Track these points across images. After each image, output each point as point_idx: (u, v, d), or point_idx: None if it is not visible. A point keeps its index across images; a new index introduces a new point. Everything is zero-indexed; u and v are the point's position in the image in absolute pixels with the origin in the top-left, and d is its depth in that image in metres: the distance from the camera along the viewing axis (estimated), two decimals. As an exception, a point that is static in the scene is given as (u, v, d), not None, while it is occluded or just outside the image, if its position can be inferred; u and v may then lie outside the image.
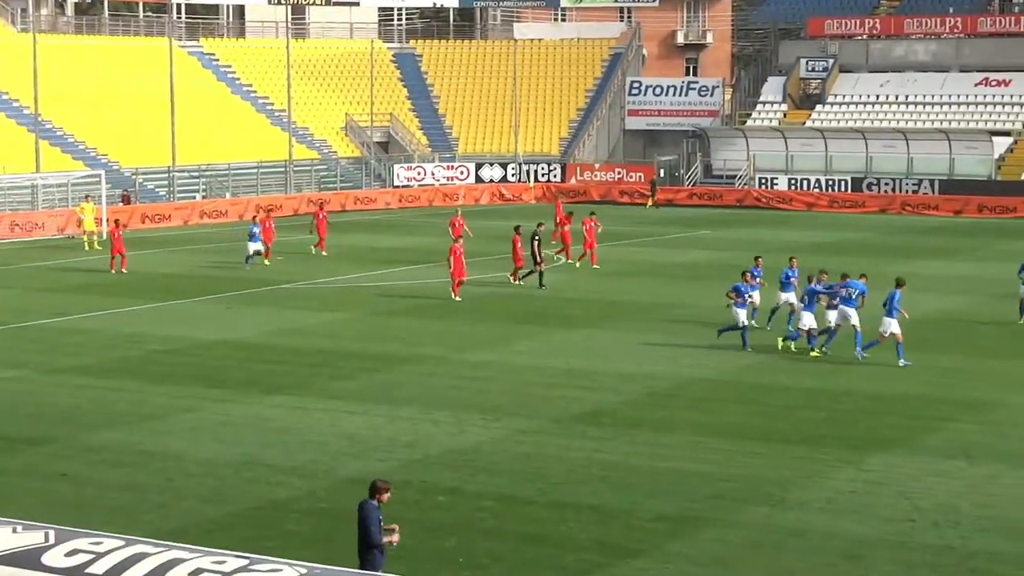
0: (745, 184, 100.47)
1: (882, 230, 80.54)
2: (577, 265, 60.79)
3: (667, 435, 31.25)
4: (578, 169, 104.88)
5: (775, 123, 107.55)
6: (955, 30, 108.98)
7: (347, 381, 37.29)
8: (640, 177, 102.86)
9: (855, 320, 40.23)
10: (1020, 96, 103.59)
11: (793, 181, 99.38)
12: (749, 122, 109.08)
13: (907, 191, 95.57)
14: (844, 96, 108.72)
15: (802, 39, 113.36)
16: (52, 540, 14.13)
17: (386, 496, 19.20)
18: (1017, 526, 24.69)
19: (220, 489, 26.99)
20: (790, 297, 43.94)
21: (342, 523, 22.72)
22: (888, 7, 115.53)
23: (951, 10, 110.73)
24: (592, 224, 61.12)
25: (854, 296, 40.50)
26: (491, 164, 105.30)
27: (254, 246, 61.11)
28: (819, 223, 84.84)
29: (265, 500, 26.28)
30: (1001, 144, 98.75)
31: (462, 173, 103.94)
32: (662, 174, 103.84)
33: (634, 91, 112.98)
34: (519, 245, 54.50)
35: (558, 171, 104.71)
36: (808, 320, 40.70)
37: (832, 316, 40.82)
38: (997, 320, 47.22)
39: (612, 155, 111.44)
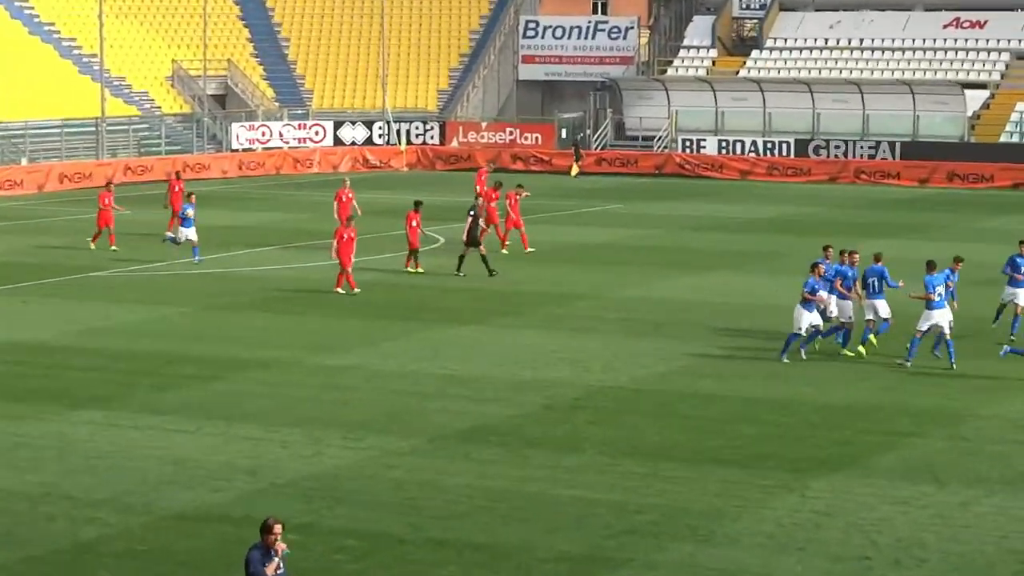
0: (665, 147, 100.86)
1: (832, 203, 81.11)
2: (504, 251, 60.34)
3: (570, 456, 31.29)
4: (461, 129, 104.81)
5: (702, 73, 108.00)
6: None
7: (174, 392, 37.06)
8: (537, 139, 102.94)
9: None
10: (998, 40, 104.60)
11: (724, 144, 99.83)
12: (670, 71, 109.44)
13: (862, 156, 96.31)
14: (786, 40, 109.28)
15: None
16: None
17: (272, 538, 19.06)
18: (995, 563, 24.95)
19: (12, 528, 26.66)
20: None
21: (167, 570, 22.53)
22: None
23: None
24: (517, 197, 60.79)
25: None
26: (353, 123, 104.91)
27: (187, 232, 58.18)
28: (755, 195, 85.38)
29: (69, 541, 26.00)
30: (975, 99, 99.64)
31: (317, 134, 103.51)
32: (564, 135, 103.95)
33: (530, 33, 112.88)
34: (414, 224, 54.34)
35: (436, 131, 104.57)
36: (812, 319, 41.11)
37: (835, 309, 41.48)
38: (967, 313, 47.62)
39: (503, 112, 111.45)
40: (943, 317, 39.73)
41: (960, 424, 34.04)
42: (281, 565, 19.02)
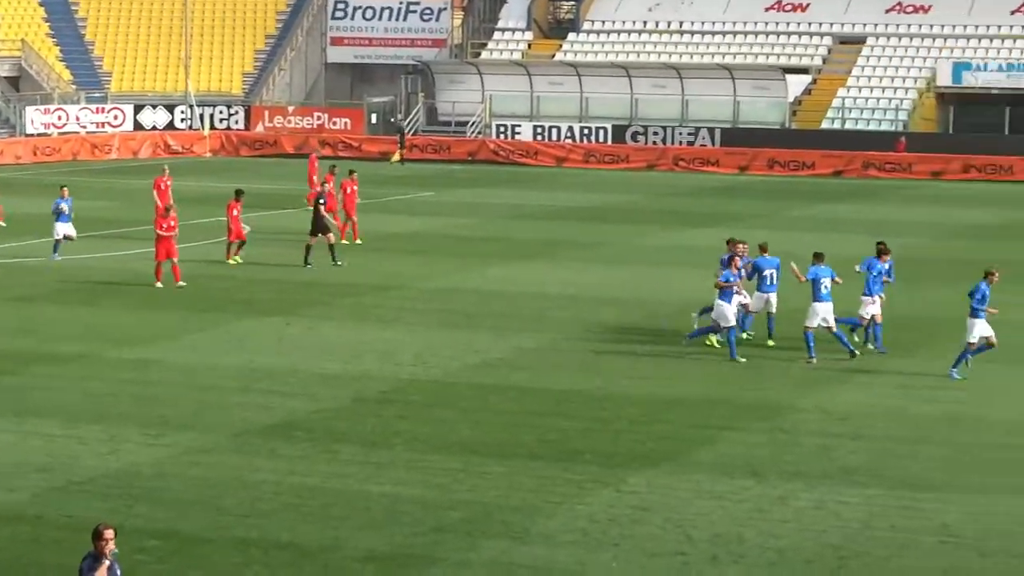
0: (479, 133, 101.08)
1: (650, 191, 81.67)
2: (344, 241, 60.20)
3: (379, 452, 31.32)
4: (267, 113, 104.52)
5: (517, 56, 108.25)
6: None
7: (-38, 387, 36.69)
8: (347, 124, 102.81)
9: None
10: (820, 24, 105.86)
11: (540, 129, 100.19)
12: (484, 54, 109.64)
13: (681, 142, 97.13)
14: (604, 23, 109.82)
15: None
16: None
17: (102, 544, 18.87)
18: (813, 559, 25.31)
19: None
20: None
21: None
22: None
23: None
24: (354, 187, 60.62)
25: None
26: (154, 107, 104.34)
27: (63, 227, 56.20)
28: (572, 182, 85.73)
29: None
30: (797, 84, 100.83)
31: (116, 118, 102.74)
32: (374, 120, 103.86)
33: (338, 14, 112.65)
34: (235, 214, 54.03)
35: (241, 116, 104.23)
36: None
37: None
38: (786, 305, 48.16)
39: (310, 96, 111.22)
40: (827, 311, 40.15)
41: (779, 417, 34.42)
42: (116, 567, 18.87)
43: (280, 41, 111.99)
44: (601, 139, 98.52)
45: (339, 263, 54.11)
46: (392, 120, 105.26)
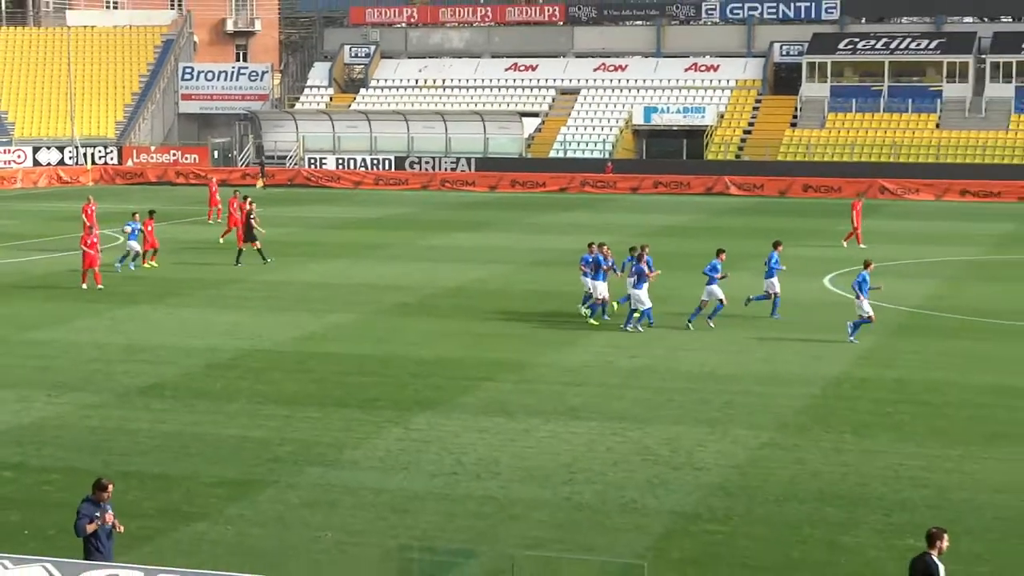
0: (295, 164, 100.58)
1: (424, 205, 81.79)
2: (221, 241, 59.48)
3: (227, 404, 31.13)
4: (134, 151, 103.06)
5: (322, 106, 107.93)
6: (486, 19, 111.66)
7: (-92, 364, 35.82)
8: (195, 159, 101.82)
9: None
10: (546, 80, 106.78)
11: (341, 160, 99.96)
12: (298, 105, 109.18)
13: (446, 168, 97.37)
14: (386, 80, 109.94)
15: (345, 27, 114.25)
16: None
17: (105, 495, 18.58)
18: (550, 475, 25.59)
19: None
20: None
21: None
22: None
23: (482, 0, 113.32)
24: (240, 204, 59.77)
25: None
26: (48, 147, 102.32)
27: (133, 245, 52.97)
28: (366, 200, 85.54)
29: None
30: (530, 124, 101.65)
31: (19, 157, 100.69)
32: (216, 155, 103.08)
33: (187, 76, 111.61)
34: (149, 229, 53.18)
35: (115, 153, 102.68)
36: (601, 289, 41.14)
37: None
38: (523, 287, 48.57)
39: (167, 138, 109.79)
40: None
41: (523, 371, 34.66)
42: (110, 509, 18.54)
43: (143, 97, 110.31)
44: (387, 167, 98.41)
45: (267, 261, 53.61)
46: (229, 155, 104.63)
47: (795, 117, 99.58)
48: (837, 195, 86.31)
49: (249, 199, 57.45)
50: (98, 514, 18.43)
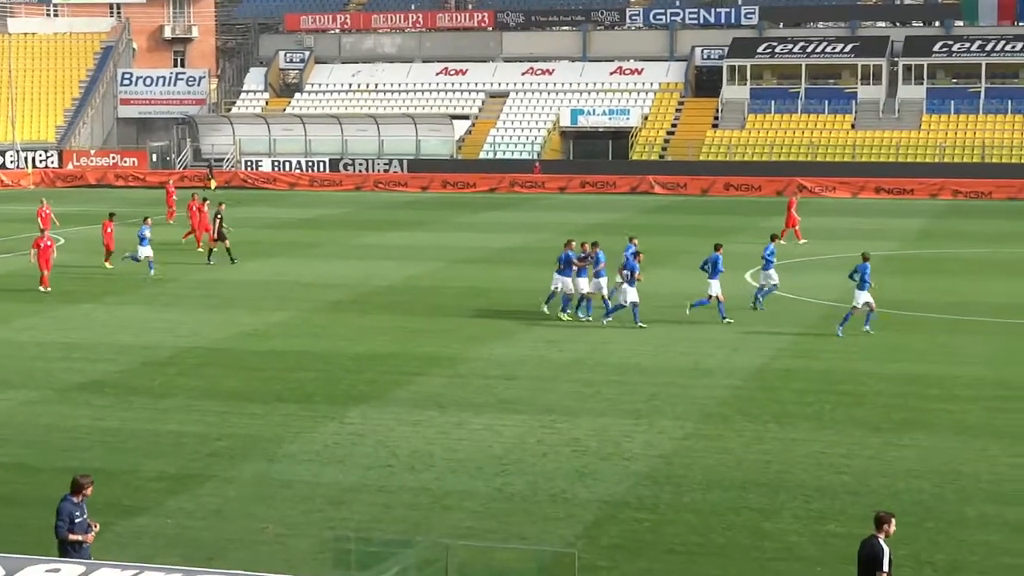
0: (232, 166, 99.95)
1: (358, 206, 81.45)
2: (183, 241, 58.91)
3: (165, 400, 30.84)
4: (75, 155, 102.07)
5: (258, 110, 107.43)
6: (417, 25, 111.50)
7: None
8: (134, 162, 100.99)
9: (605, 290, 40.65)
10: (476, 84, 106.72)
11: (276, 163, 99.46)
12: (234, 110, 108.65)
13: (379, 170, 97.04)
14: (320, 85, 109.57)
15: (280, 33, 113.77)
16: None
17: (87, 492, 18.42)
18: (483, 466, 25.51)
19: None
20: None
21: None
22: (357, 4, 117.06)
23: (413, 6, 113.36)
24: (199, 206, 59.36)
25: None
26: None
27: (144, 251, 50.95)
28: (300, 201, 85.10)
29: None
30: (460, 126, 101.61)
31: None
32: (155, 159, 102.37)
33: (125, 82, 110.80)
34: (108, 231, 52.61)
35: (55, 157, 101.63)
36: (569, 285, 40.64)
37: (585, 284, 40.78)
38: (454, 284, 48.46)
39: (107, 141, 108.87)
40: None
41: (455, 365, 34.56)
42: (85, 509, 18.41)
43: (83, 102, 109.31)
44: (321, 169, 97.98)
45: (234, 261, 53.32)
46: (168, 158, 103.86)
47: (716, 118, 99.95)
48: (758, 193, 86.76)
49: (219, 202, 57.17)
50: (78, 514, 18.22)
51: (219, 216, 54.62)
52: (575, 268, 40.70)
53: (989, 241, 60.72)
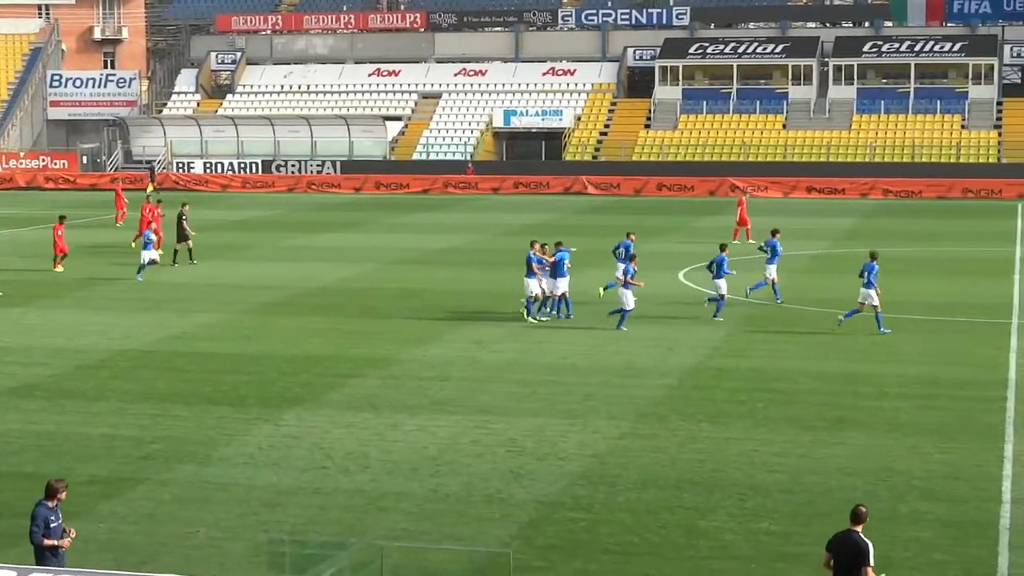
0: (164, 168, 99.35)
1: (291, 207, 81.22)
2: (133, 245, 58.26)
3: (97, 404, 30.60)
4: (3, 157, 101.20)
5: (190, 112, 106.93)
6: (349, 26, 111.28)
7: None
8: (65, 164, 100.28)
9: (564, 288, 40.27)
10: (409, 84, 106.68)
11: (208, 164, 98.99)
12: (165, 111, 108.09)
13: (312, 171, 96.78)
14: (252, 86, 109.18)
15: (212, 34, 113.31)
16: None
17: (62, 496, 18.27)
18: (417, 467, 25.48)
19: None
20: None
21: None
22: (288, 5, 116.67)
23: (345, 7, 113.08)
24: (152, 208, 58.76)
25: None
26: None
27: (149, 255, 50.22)
28: (233, 202, 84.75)
29: None
30: (393, 128, 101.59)
31: None
32: (85, 161, 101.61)
33: (55, 83, 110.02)
34: (59, 234, 52.10)
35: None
36: (533, 287, 40.23)
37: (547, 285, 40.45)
38: (387, 285, 48.39)
39: (36, 143, 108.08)
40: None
41: (389, 367, 34.48)
42: (60, 514, 18.30)
43: (12, 104, 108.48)
44: (254, 171, 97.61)
45: (194, 262, 53.29)
46: (98, 160, 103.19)
47: (649, 119, 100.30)
48: (690, 193, 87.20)
49: (182, 203, 56.95)
50: (53, 519, 18.08)
51: (183, 217, 54.38)
52: (546, 268, 40.37)
53: (919, 240, 61.28)
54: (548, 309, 40.90)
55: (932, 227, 67.23)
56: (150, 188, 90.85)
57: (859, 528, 17.31)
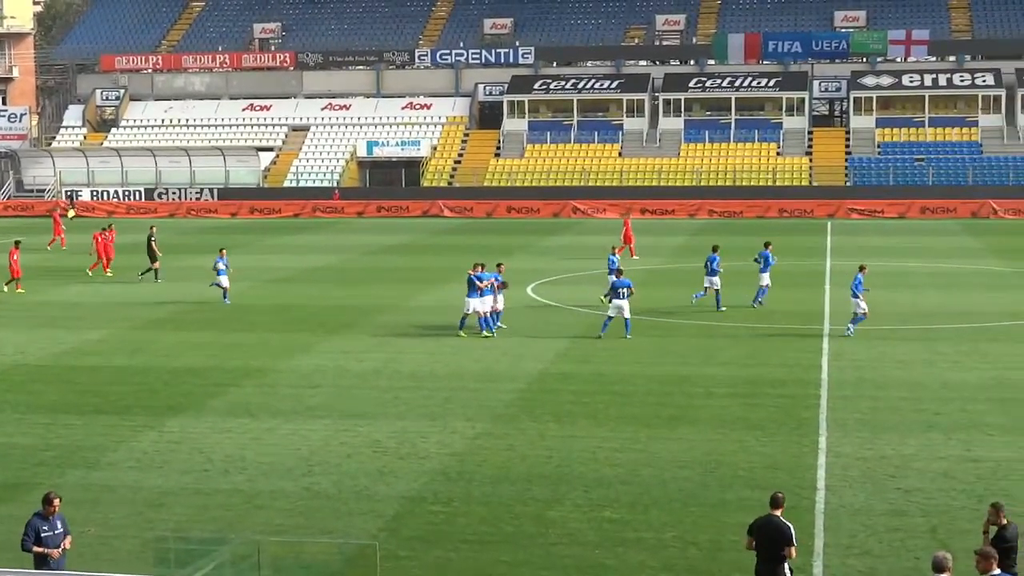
0: (53, 196, 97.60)
1: (173, 231, 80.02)
2: (90, 273, 56.78)
3: (-7, 415, 29.98)
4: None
5: (77, 144, 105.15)
6: (224, 65, 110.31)
7: None
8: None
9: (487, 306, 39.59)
10: (279, 118, 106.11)
11: (96, 192, 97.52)
12: (55, 144, 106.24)
13: (191, 198, 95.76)
14: (135, 120, 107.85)
15: (97, 73, 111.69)
16: None
17: (51, 508, 17.91)
18: (291, 468, 25.29)
19: None
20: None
21: None
22: (168, 45, 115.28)
23: (220, 48, 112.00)
24: (103, 238, 57.54)
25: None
26: None
27: (223, 280, 47.21)
28: (119, 227, 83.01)
29: None
30: (266, 158, 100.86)
31: None
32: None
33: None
34: (15, 258, 50.88)
35: None
36: (474, 304, 39.41)
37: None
38: (263, 302, 47.97)
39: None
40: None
41: (265, 376, 34.19)
42: (59, 524, 17.97)
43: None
44: (138, 198, 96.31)
45: (159, 280, 53.13)
46: (73, 191, 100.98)
47: (498, 148, 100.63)
48: (536, 215, 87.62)
49: (151, 225, 56.34)
50: (46, 529, 17.77)
51: (151, 238, 54.47)
52: (483, 287, 39.81)
53: (739, 255, 62.04)
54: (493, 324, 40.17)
55: (752, 243, 68.04)
56: (71, 214, 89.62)
57: (779, 512, 17.37)
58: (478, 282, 39.72)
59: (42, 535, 17.90)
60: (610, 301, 39.52)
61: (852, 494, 23.27)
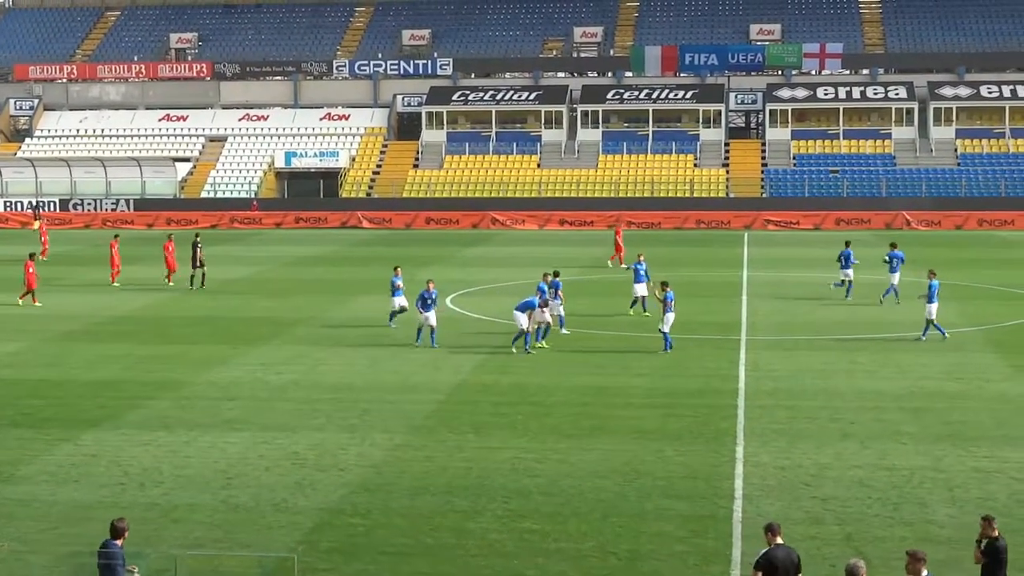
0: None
1: (87, 243, 79.25)
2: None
3: (-96, 430, 29.47)
4: None
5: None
6: (140, 75, 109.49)
7: None
8: None
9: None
10: (196, 128, 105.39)
11: (9, 203, 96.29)
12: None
13: (107, 209, 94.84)
14: (50, 130, 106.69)
15: (10, 82, 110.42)
16: None
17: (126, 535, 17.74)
18: (209, 481, 25.11)
19: None
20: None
21: None
22: (83, 54, 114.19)
23: (136, 57, 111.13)
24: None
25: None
26: None
27: (399, 301, 43.30)
28: (33, 238, 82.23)
29: None
30: (183, 168, 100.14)
31: None
32: None
33: None
34: (31, 270, 49.71)
35: None
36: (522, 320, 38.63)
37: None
38: (180, 314, 47.62)
39: None
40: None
41: (182, 388, 33.92)
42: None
43: None
44: (53, 209, 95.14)
45: (192, 287, 53.69)
46: (37, 203, 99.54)
47: (417, 159, 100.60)
48: (456, 226, 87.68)
49: (196, 233, 56.06)
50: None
51: (198, 246, 54.74)
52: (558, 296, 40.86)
53: (661, 266, 62.34)
54: (540, 337, 39.70)
55: (671, 254, 68.57)
56: (36, 224, 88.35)
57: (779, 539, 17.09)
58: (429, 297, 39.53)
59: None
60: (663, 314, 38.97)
61: (769, 503, 23.49)
